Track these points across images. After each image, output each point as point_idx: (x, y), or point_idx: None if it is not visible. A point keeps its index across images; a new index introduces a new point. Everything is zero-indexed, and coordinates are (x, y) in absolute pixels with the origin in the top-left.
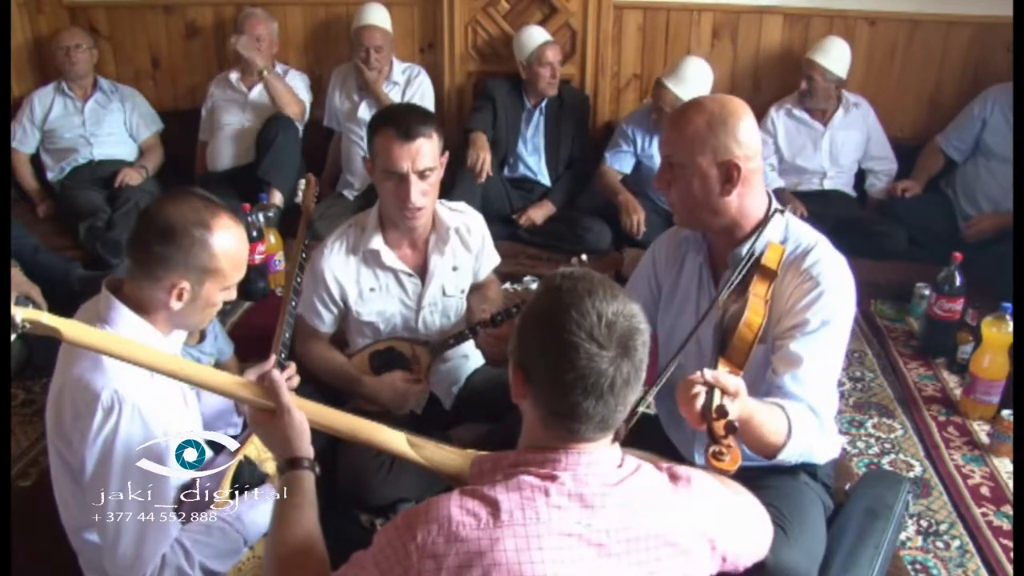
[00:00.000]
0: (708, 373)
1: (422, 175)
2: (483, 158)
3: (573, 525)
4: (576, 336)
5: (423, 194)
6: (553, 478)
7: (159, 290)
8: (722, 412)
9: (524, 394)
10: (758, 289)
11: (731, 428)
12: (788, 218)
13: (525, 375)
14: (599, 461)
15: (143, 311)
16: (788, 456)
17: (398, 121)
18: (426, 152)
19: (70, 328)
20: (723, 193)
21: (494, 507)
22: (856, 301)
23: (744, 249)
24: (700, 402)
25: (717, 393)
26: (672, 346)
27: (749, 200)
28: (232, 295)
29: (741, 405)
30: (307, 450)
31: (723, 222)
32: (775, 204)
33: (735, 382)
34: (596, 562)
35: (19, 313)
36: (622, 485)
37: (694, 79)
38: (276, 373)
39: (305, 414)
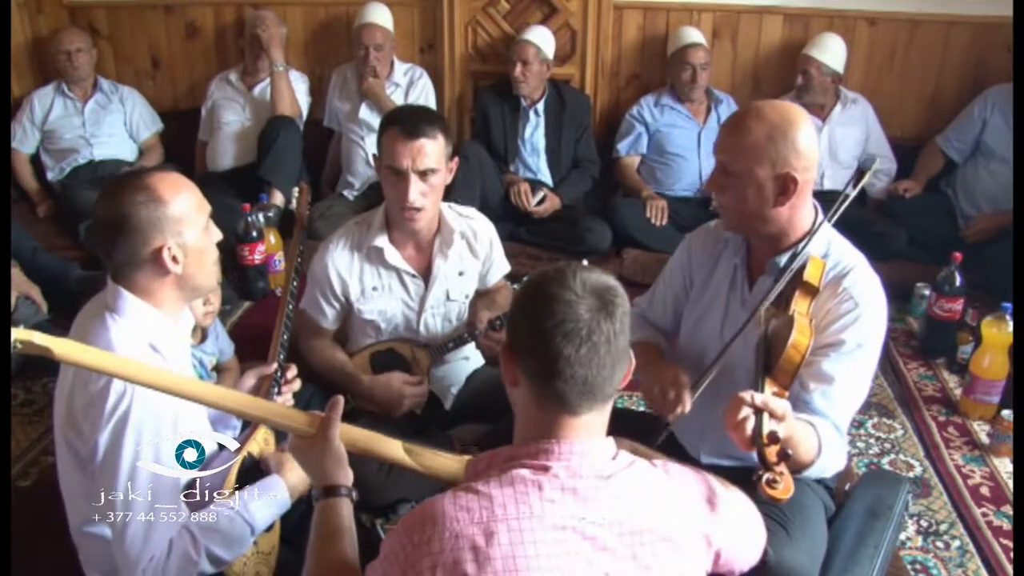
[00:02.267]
0: (758, 398)
1: (423, 175)
2: (523, 189)
3: (567, 518)
4: (555, 289)
5: (422, 194)
6: (546, 469)
7: (152, 271)
8: (774, 438)
9: (514, 376)
10: (801, 306)
11: (784, 455)
12: (831, 234)
13: (513, 352)
14: (592, 452)
15: (147, 299)
16: (812, 473)
17: (404, 120)
18: (429, 152)
19: (62, 347)
20: (776, 204)
21: (488, 502)
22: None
23: (785, 258)
24: (750, 426)
25: (765, 416)
26: (695, 340)
27: (799, 211)
28: (216, 234)
29: (786, 427)
30: (344, 477)
31: (771, 230)
32: (821, 215)
33: (783, 406)
34: (591, 555)
35: (12, 334)
36: (616, 478)
37: (693, 32)
38: (339, 407)
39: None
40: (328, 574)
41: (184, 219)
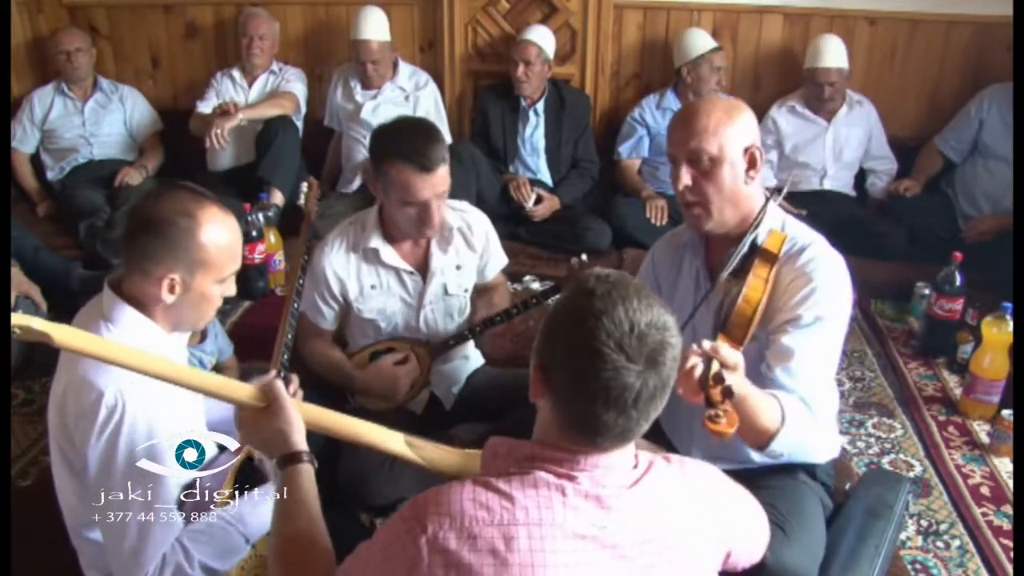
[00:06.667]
0: (706, 344)
1: (439, 195)
2: (521, 182)
3: (588, 526)
4: (605, 345)
5: (439, 209)
6: (571, 478)
7: (151, 284)
8: (719, 378)
9: (543, 394)
10: (759, 271)
11: (728, 393)
12: (785, 217)
13: (546, 376)
14: (617, 464)
15: (142, 308)
16: (781, 447)
17: (414, 154)
18: (444, 175)
19: (61, 333)
20: (747, 180)
21: (509, 503)
22: (854, 300)
23: (744, 240)
24: (699, 372)
25: (715, 364)
26: None
27: (759, 190)
28: (231, 290)
29: (740, 381)
30: (303, 443)
31: (740, 214)
32: (765, 192)
33: (734, 355)
34: (609, 564)
35: (11, 319)
36: (638, 486)
37: (700, 34)
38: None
39: (302, 416)
40: (296, 541)
41: (204, 264)
